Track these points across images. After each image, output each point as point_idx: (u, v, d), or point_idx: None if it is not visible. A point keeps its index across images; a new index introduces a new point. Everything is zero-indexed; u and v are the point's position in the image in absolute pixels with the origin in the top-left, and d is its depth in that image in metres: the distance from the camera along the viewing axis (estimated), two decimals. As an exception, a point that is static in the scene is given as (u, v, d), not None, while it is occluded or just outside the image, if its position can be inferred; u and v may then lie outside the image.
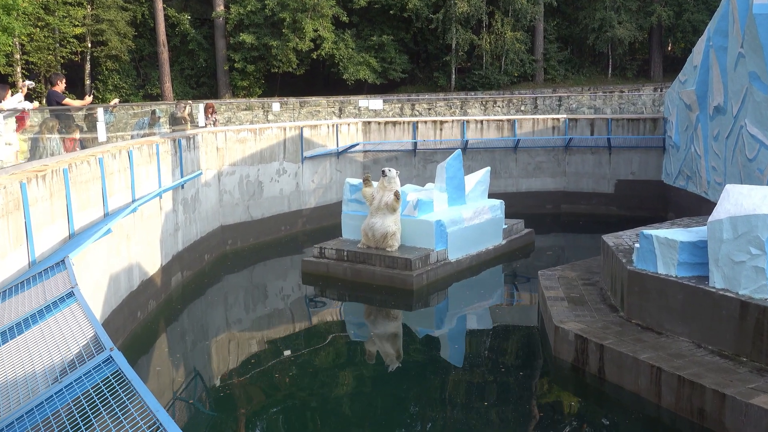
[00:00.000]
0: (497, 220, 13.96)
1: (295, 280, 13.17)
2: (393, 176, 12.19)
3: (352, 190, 13.28)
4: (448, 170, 13.29)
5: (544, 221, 17.81)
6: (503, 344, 9.68)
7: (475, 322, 10.75)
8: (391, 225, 12.15)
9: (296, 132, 16.61)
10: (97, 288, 8.70)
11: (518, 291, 12.65)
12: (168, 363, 9.07)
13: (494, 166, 18.24)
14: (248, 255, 14.76)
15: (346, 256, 12.44)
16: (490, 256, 13.58)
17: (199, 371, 8.90)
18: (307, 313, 11.54)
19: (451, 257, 12.61)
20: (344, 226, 13.39)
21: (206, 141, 14.08)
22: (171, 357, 9.28)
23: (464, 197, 13.77)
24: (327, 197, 17.64)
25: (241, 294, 12.38)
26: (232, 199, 15.02)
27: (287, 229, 16.49)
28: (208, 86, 28.43)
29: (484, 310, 11.20)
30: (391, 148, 18.55)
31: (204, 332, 10.44)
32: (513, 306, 11.63)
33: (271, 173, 15.99)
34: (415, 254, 11.99)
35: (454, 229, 12.67)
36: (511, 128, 18.52)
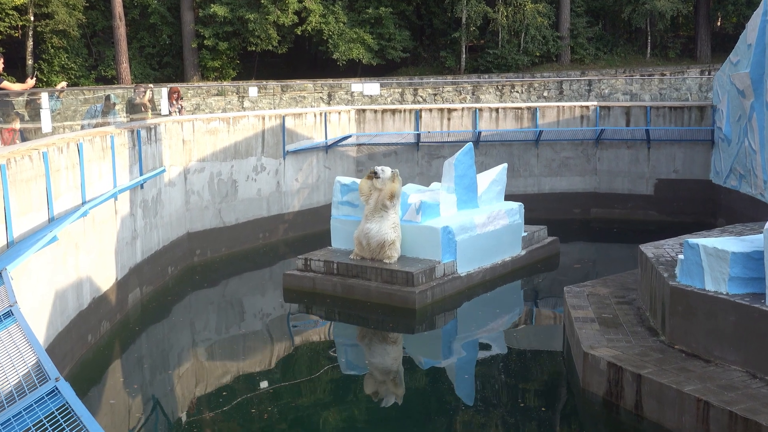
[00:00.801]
0: (515, 227, 14.00)
1: (275, 297, 13.18)
2: (387, 177, 12.20)
3: (343, 191, 13.30)
4: (457, 167, 13.34)
5: (571, 228, 17.85)
6: (522, 375, 9.70)
7: (488, 348, 10.76)
8: (389, 232, 12.18)
9: (277, 121, 16.66)
10: (40, 306, 8.70)
11: (540, 311, 12.66)
12: (124, 395, 9.07)
13: (512, 163, 18.30)
14: (220, 267, 14.78)
15: (336, 269, 12.46)
16: (507, 270, 13.61)
17: (160, 405, 8.89)
18: (289, 337, 11.54)
19: (461, 270, 12.64)
20: (334, 234, 13.42)
21: (170, 132, 14.10)
22: (127, 388, 9.28)
23: (476, 199, 13.81)
24: (313, 199, 17.67)
25: (211, 314, 12.39)
26: (200, 201, 15.05)
27: (266, 236, 16.52)
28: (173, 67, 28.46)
29: (500, 334, 11.22)
30: (390, 141, 18.62)
31: (167, 359, 10.43)
32: (534, 329, 11.66)
33: (248, 170, 16.02)
34: (417, 267, 12.02)
35: (464, 237, 12.71)
36: (532, 118, 18.60)
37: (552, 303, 12.71)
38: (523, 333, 11.32)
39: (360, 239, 12.40)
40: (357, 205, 12.80)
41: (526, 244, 14.34)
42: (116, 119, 13.63)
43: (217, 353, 10.62)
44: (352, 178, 13.76)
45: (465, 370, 10.02)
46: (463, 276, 12.61)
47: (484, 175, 14.43)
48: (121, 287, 11.58)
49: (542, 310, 12.69)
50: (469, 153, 13.55)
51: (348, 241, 13.03)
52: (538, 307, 12.85)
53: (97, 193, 10.67)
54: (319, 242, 14.42)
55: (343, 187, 13.31)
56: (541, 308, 12.76)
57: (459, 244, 12.56)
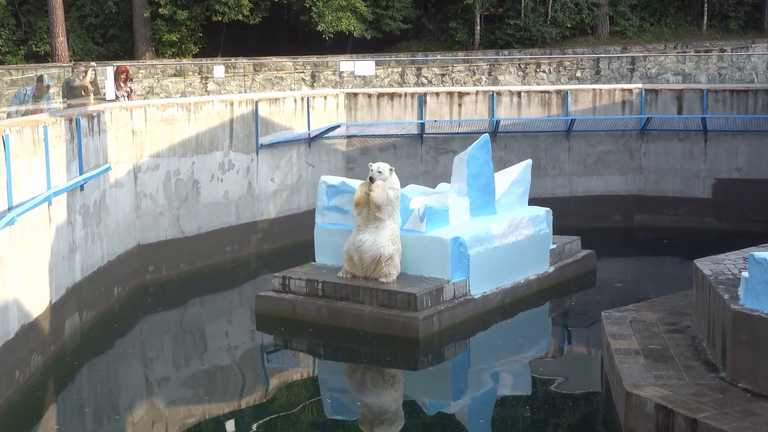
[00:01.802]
0: (542, 238, 14.01)
1: (245, 325, 13.14)
2: (388, 177, 12.19)
3: (330, 194, 13.31)
4: (470, 164, 13.36)
5: (611, 239, 17.84)
6: (551, 420, 9.68)
7: (509, 387, 10.74)
8: (386, 244, 12.18)
9: (249, 108, 16.67)
10: (-45, 337, 8.66)
11: (572, 341, 12.62)
12: (59, 447, 9.03)
13: (537, 159, 18.30)
14: (178, 288, 14.76)
15: (321, 290, 12.46)
16: (532, 290, 13.60)
17: (104, 459, 8.85)
18: (262, 374, 11.51)
19: (475, 291, 12.65)
20: (318, 246, 13.40)
21: (117, 121, 14.11)
22: (63, 438, 9.23)
23: (494, 204, 13.83)
24: (293, 203, 17.65)
25: (167, 346, 12.34)
26: (154, 205, 15.04)
27: (235, 249, 16.49)
28: (121, 42, 28.49)
29: (523, 370, 11.22)
30: (388, 131, 18.63)
31: (113, 403, 10.41)
32: (565, 363, 11.64)
33: (212, 168, 16.01)
34: (421, 287, 12.02)
35: (479, 250, 12.72)
36: (562, 103, 18.63)
37: (587, 331, 12.68)
38: (552, 368, 11.30)
39: (351, 253, 12.40)
40: (347, 210, 12.80)
41: (555, 259, 14.33)
42: (50, 105, 13.59)
43: (174, 395, 10.59)
44: (341, 178, 13.74)
45: (480, 414, 9.99)
46: (477, 298, 12.60)
47: (503, 174, 14.44)
48: (57, 312, 11.55)
49: (575, 340, 12.66)
50: (485, 147, 13.56)
51: (336, 256, 13.00)
52: (569, 336, 12.82)
53: (27, 197, 10.66)
54: (301, 257, 14.39)
55: (329, 188, 13.30)
56: (574, 338, 12.72)
57: (472, 259, 12.56)
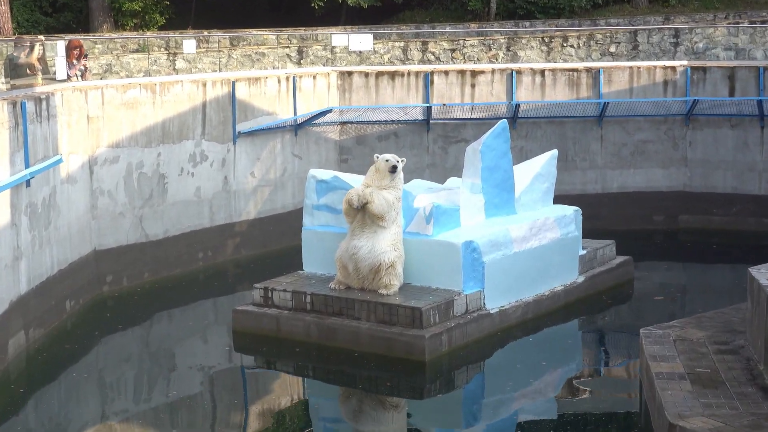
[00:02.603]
0: (570, 243, 14.01)
1: (221, 344, 13.15)
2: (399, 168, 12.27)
3: (320, 190, 13.31)
4: (485, 156, 13.35)
5: (651, 243, 17.84)
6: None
7: (531, 418, 10.73)
8: (386, 250, 12.17)
9: (224, 89, 16.66)
10: None
11: (606, 364, 12.59)
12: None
13: (563, 149, 18.31)
14: (141, 301, 14.76)
15: (310, 304, 12.45)
16: (558, 304, 13.60)
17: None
18: (241, 403, 11.51)
19: (491, 305, 12.64)
20: (306, 252, 13.41)
21: (70, 105, 14.09)
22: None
23: (513, 202, 13.83)
24: (277, 202, 17.65)
25: (128, 370, 12.35)
26: (113, 204, 15.04)
27: (209, 256, 16.49)
28: (73, 12, 28.47)
29: (548, 398, 11.21)
30: (388, 117, 18.62)
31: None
32: (597, 389, 11.63)
33: (181, 160, 16.01)
34: (428, 300, 12.01)
35: (495, 256, 12.71)
36: (594, 83, 18.62)
37: (623, 352, 12.68)
38: (582, 396, 11.30)
39: (345, 261, 12.39)
40: (340, 210, 12.78)
41: (586, 267, 14.33)
42: (-9, 87, 13.57)
43: (137, 430, 10.55)
44: (333, 172, 13.72)
45: (497, 450, 9.99)
46: (494, 313, 12.60)
47: (524, 167, 14.43)
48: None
49: (609, 362, 12.63)
50: (503, 135, 13.55)
51: (327, 263, 13.00)
52: (602, 358, 12.79)
53: (-37, 195, 10.64)
54: (286, 264, 14.37)
55: (320, 184, 13.29)
56: (608, 360, 12.69)
57: (488, 268, 12.55)
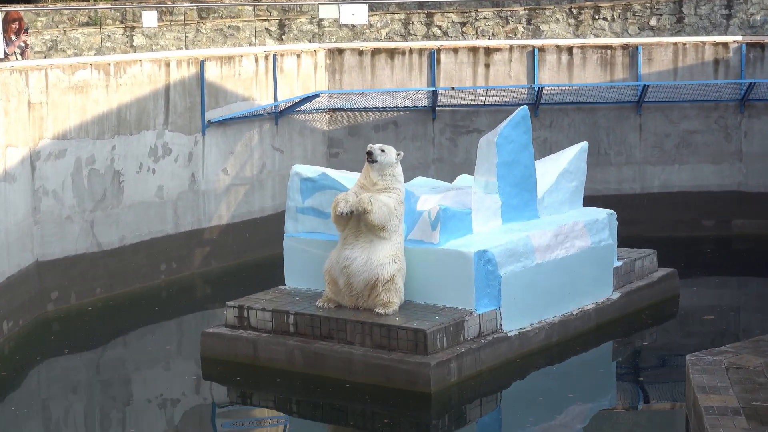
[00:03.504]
0: (603, 252, 14.00)
1: (187, 373, 13.13)
2: (390, 161, 12.22)
3: (305, 190, 13.30)
4: (501, 149, 13.32)
5: (699, 253, 17.84)
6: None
7: (557, 460, 10.71)
8: (384, 262, 12.15)
9: (192, 70, 16.65)
10: None
11: (646, 396, 12.57)
12: None
13: (595, 141, 18.30)
14: (92, 322, 14.75)
15: (294, 326, 12.44)
16: (589, 325, 13.60)
17: None
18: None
19: (509, 327, 12.63)
20: (289, 264, 13.42)
21: (7, 89, 14.09)
22: None
23: (535, 204, 13.81)
24: (254, 204, 17.63)
25: (76, 403, 12.32)
26: (59, 207, 15.03)
27: (173, 268, 16.48)
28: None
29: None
30: (386, 103, 18.59)
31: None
32: (635, 427, 11.62)
33: (140, 154, 15.99)
34: (434, 321, 11.99)
35: (514, 269, 12.69)
36: (631, 63, 18.61)
37: (666, 382, 12.66)
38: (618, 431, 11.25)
39: (335, 274, 12.37)
40: (328, 214, 12.76)
41: (622, 281, 14.31)
42: None
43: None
44: (321, 168, 13.69)
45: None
46: (512, 336, 12.58)
47: (548, 163, 14.43)
48: None
49: (649, 394, 12.60)
50: (523, 125, 13.52)
51: (314, 278, 13.00)
52: (641, 389, 12.77)
53: None
54: (264, 278, 14.34)
55: (305, 183, 13.28)
56: (648, 391, 12.67)
57: (505, 282, 12.53)
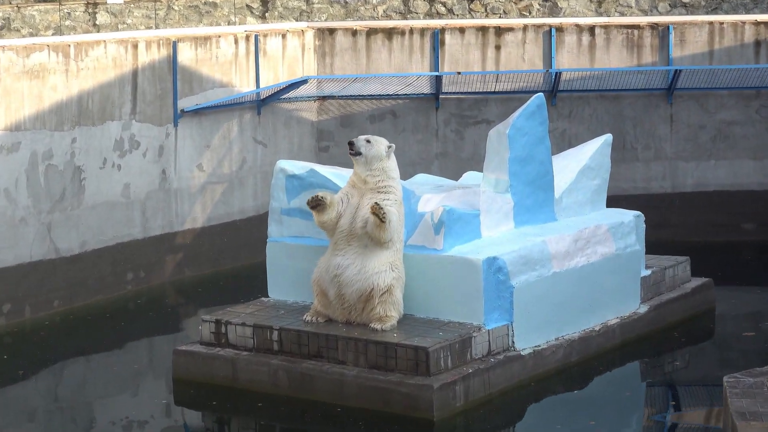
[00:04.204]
0: (629, 259, 14.01)
1: (157, 396, 13.13)
2: (377, 154, 12.21)
3: (291, 188, 13.33)
4: (514, 142, 13.32)
5: (739, 260, 17.85)
6: None
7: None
8: (381, 270, 12.17)
9: (163, 53, 16.67)
10: None
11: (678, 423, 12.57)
12: None
13: (620, 133, 18.28)
14: (50, 338, 14.77)
15: (278, 342, 12.45)
16: (614, 342, 13.62)
17: None
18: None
19: (522, 345, 12.65)
20: (273, 273, 13.44)
21: (-48, 73, 14.09)
22: None
23: (552, 205, 13.84)
24: (233, 204, 17.65)
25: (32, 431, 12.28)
26: (11, 208, 15.04)
27: (140, 278, 16.50)
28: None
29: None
30: (383, 90, 18.62)
31: None
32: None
33: (104, 148, 16.00)
34: (437, 338, 11.99)
35: (528, 278, 12.71)
36: (661, 44, 18.62)
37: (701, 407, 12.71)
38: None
39: (324, 285, 12.39)
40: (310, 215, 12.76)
41: (650, 293, 14.33)
42: None
43: None
44: (309, 164, 13.69)
45: None
46: (525, 355, 12.59)
47: (567, 158, 14.46)
48: None
49: (682, 420, 12.62)
50: (538, 114, 13.53)
51: (300, 288, 13.04)
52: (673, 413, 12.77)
53: None
54: (245, 289, 14.34)
55: (291, 181, 13.29)
56: (680, 417, 12.68)
57: (518, 293, 12.54)
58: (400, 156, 12.45)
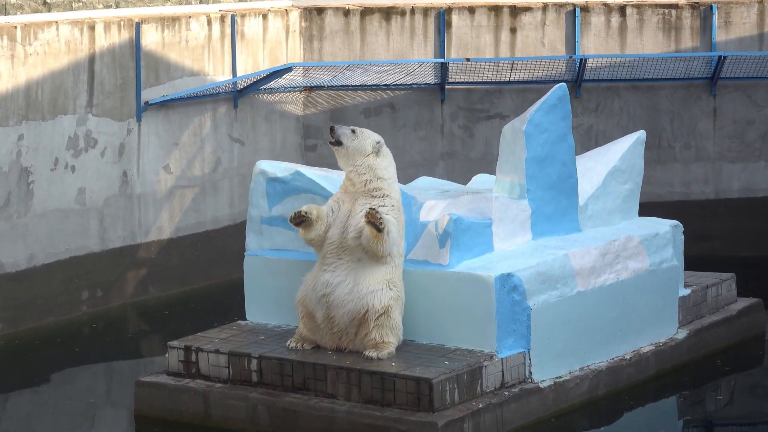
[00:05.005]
0: (666, 277, 14.06)
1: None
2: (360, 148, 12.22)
3: (273, 193, 13.39)
4: (532, 140, 13.37)
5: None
6: None
7: None
8: (377, 289, 12.21)
9: (124, 35, 16.72)
10: None
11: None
12: None
13: (654, 130, 18.34)
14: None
15: (258, 373, 12.49)
16: (647, 373, 13.67)
17: None
18: None
19: (540, 376, 12.69)
20: (251, 292, 13.50)
21: None
22: None
23: (576, 213, 13.90)
24: (205, 212, 17.74)
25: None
26: (-53, 215, 15.02)
27: (98, 297, 16.55)
28: None
29: None
30: (380, 79, 18.70)
31: None
32: None
33: (56, 147, 16.07)
34: (442, 368, 12.03)
35: (548, 299, 12.75)
36: (702, 26, 18.66)
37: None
38: None
39: (311, 306, 12.43)
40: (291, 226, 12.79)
41: (690, 315, 14.39)
42: None
43: None
44: (294, 165, 13.74)
45: None
46: (545, 388, 12.62)
47: (593, 158, 14.51)
48: None
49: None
50: (560, 108, 13.59)
51: (283, 309, 13.09)
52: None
53: None
54: (219, 311, 14.34)
55: (273, 185, 13.36)
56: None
57: (536, 316, 12.57)
58: (400, 156, 12.44)
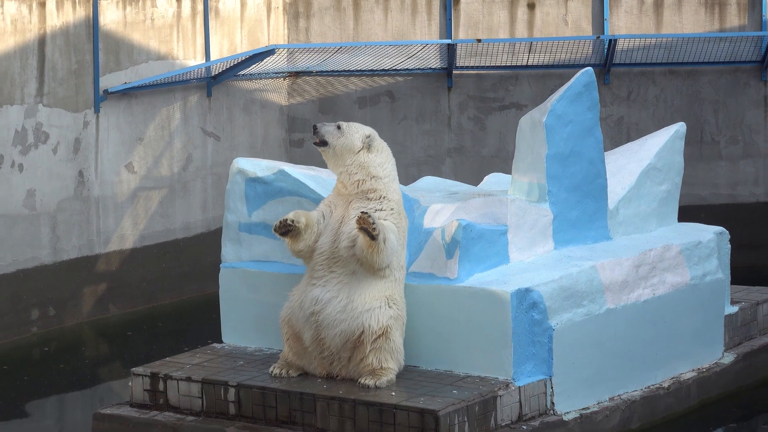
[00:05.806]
0: (709, 291, 14.11)
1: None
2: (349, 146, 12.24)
3: (253, 196, 13.47)
4: (553, 134, 13.40)
5: None
6: None
7: None
8: (374, 306, 12.24)
9: (80, 13, 16.77)
10: None
11: None
12: None
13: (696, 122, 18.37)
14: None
15: (236, 404, 12.51)
16: (689, 404, 13.71)
17: None
18: None
19: (564, 407, 12.72)
20: (227, 310, 13.59)
21: None
22: None
23: (605, 218, 13.94)
24: (175, 218, 17.80)
25: None
26: None
27: (50, 316, 16.60)
28: None
29: None
30: (376, 64, 18.76)
31: None
32: None
33: (0, 142, 16.12)
34: (450, 398, 12.04)
35: (572, 318, 12.80)
36: (751, 1, 18.65)
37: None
38: None
39: (297, 326, 12.45)
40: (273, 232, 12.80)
41: (738, 337, 14.47)
42: None
43: None
44: (278, 164, 13.77)
45: None
46: (569, 421, 12.65)
47: (625, 155, 14.52)
48: None
49: None
50: (586, 96, 13.62)
51: (265, 330, 13.14)
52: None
53: None
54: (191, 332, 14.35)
55: (252, 186, 13.42)
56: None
57: (559, 337, 12.59)
58: (400, 152, 12.46)
